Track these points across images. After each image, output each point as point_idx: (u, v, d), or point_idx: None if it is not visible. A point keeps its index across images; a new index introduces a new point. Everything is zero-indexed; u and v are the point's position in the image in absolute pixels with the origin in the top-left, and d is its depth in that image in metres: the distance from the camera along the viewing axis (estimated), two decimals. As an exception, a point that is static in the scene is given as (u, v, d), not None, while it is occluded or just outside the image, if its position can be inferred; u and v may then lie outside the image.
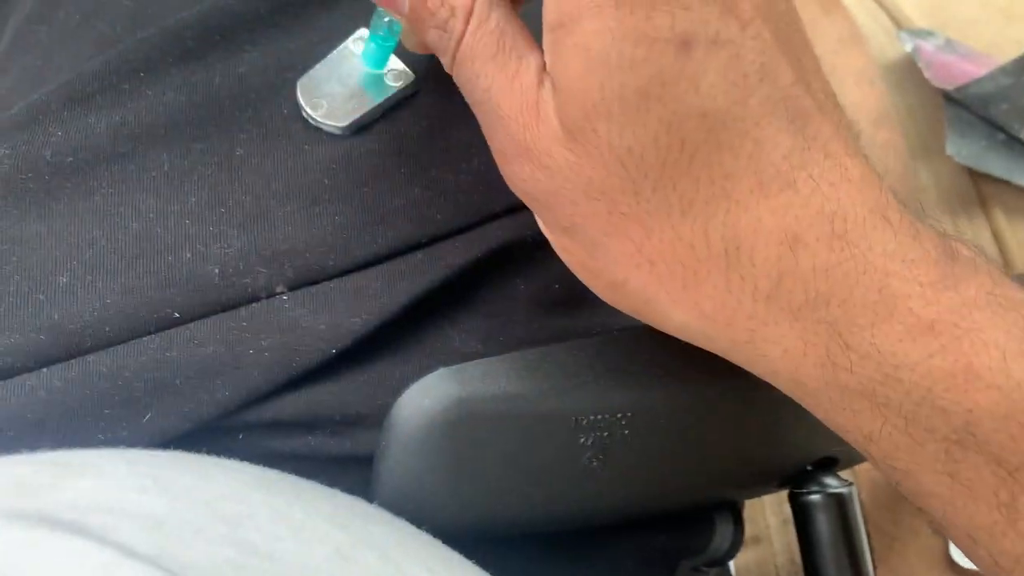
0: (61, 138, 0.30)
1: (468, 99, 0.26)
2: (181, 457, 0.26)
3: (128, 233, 0.29)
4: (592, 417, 0.27)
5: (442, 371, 0.26)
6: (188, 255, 0.29)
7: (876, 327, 0.22)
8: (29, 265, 0.28)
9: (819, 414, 0.25)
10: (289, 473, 0.30)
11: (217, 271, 0.29)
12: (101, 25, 0.34)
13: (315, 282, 0.30)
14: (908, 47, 0.57)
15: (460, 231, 0.32)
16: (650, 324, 0.26)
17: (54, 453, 0.25)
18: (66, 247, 0.28)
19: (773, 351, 0.23)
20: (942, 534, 0.61)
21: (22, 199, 0.29)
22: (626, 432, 0.27)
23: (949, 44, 0.56)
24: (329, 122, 0.31)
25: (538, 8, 0.24)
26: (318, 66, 0.32)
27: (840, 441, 0.34)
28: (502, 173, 0.26)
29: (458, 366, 0.26)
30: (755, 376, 0.30)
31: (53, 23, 0.35)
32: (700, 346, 0.25)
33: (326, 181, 0.31)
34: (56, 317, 0.27)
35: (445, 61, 0.26)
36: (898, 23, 0.59)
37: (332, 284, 0.30)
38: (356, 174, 0.31)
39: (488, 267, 0.33)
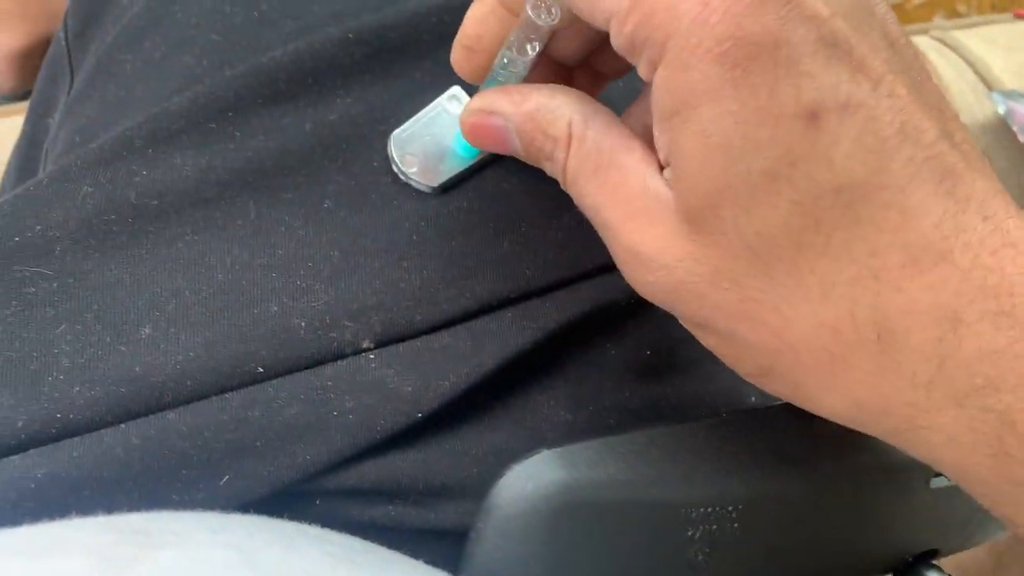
0: (146, 178, 0.29)
1: (589, 221, 0.25)
2: (265, 525, 0.25)
3: (213, 284, 0.28)
4: (702, 509, 0.25)
5: (546, 453, 0.24)
6: (275, 308, 0.28)
7: None
8: (111, 314, 0.27)
9: (986, 503, 0.22)
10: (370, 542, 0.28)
11: (303, 325, 0.28)
12: (188, 58, 0.33)
13: (402, 338, 0.29)
14: (1001, 109, 0.55)
15: (550, 288, 0.31)
16: (804, 408, 0.24)
17: (134, 518, 0.24)
18: (149, 296, 0.27)
19: (936, 439, 0.21)
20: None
21: (104, 242, 0.28)
22: (735, 525, 0.25)
23: (1041, 106, 0.54)
24: (421, 180, 0.30)
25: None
26: (411, 122, 0.31)
27: (944, 533, 0.32)
28: (629, 283, 0.25)
29: (563, 448, 0.25)
30: (864, 467, 0.28)
31: (138, 53, 0.35)
32: (859, 429, 0.23)
33: (414, 237, 0.30)
34: (138, 370, 0.26)
35: (562, 186, 0.25)
36: (987, 83, 0.57)
37: (420, 342, 0.29)
38: (445, 230, 0.30)
39: (578, 330, 0.31)
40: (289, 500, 0.27)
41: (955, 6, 1.47)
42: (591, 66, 0.29)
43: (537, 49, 0.25)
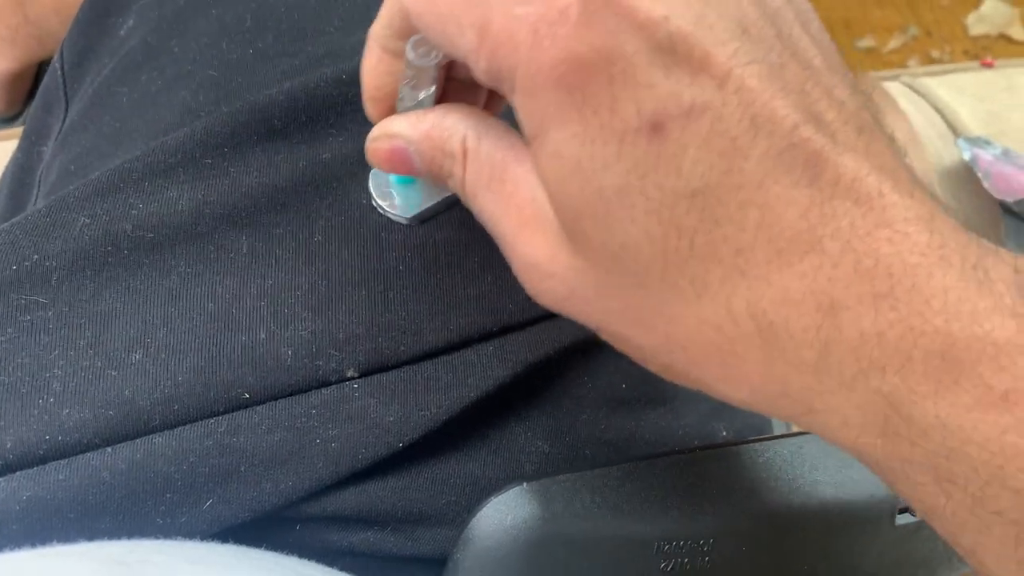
0: (142, 211, 0.29)
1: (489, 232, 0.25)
2: (244, 556, 0.26)
3: (203, 313, 0.28)
4: (674, 543, 0.25)
5: (524, 486, 0.25)
6: (262, 336, 0.28)
7: (940, 397, 0.19)
8: (103, 341, 0.28)
9: (885, 481, 0.22)
10: (347, 568, 0.29)
11: (290, 353, 0.28)
12: (184, 93, 0.34)
13: (386, 368, 0.29)
14: (966, 155, 0.56)
15: (530, 323, 0.32)
16: (718, 399, 0.24)
17: (114, 548, 0.24)
18: (141, 324, 0.28)
19: (832, 421, 0.21)
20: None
21: (100, 272, 0.28)
22: (707, 559, 0.26)
23: (1007, 154, 0.56)
24: (396, 213, 0.31)
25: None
26: None
27: (909, 569, 0.33)
28: (528, 293, 0.25)
29: (540, 481, 0.25)
30: (831, 504, 0.29)
31: (134, 86, 0.36)
32: (767, 415, 0.24)
33: (400, 268, 0.31)
34: (127, 393, 0.27)
35: (463, 203, 0.26)
36: (955, 130, 0.59)
37: (403, 372, 0.30)
38: (430, 262, 0.31)
39: (556, 363, 0.32)
40: (270, 525, 0.28)
41: (929, 51, 1.51)
42: None
43: (431, 86, 0.26)
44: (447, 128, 0.25)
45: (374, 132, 0.27)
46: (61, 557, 0.23)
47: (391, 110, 0.27)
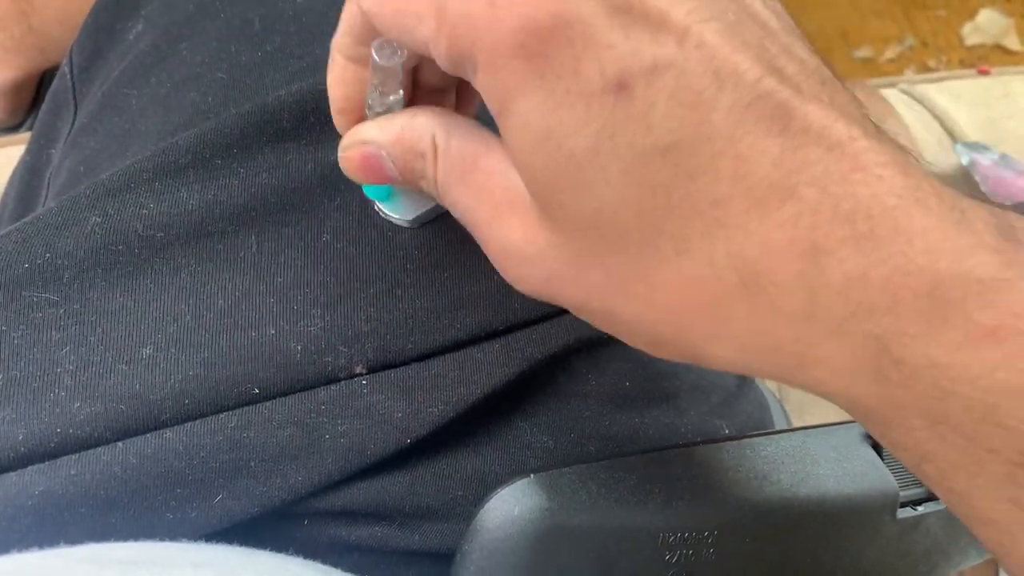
0: (153, 211, 0.30)
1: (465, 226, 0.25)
2: (248, 559, 0.26)
3: (213, 309, 0.29)
4: (679, 534, 0.26)
5: (532, 478, 0.25)
6: (272, 331, 0.29)
7: (930, 336, 0.19)
8: (114, 337, 0.28)
9: (875, 433, 0.22)
10: (355, 562, 0.29)
11: (300, 348, 0.29)
12: (194, 95, 0.34)
13: (394, 365, 0.30)
14: (964, 160, 0.57)
15: (536, 320, 0.32)
16: (706, 367, 0.24)
17: (119, 550, 0.25)
18: (151, 320, 0.28)
19: (824, 373, 0.20)
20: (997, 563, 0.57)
21: (110, 271, 0.29)
22: (711, 551, 0.26)
23: (1005, 159, 0.56)
24: (395, 215, 0.31)
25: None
26: None
27: (910, 562, 0.33)
28: (510, 284, 0.25)
29: (547, 473, 0.26)
30: (835, 494, 0.29)
31: (144, 89, 0.36)
32: (760, 378, 0.23)
33: (408, 266, 0.31)
34: (137, 387, 0.27)
35: (439, 202, 0.26)
36: (952, 135, 0.59)
37: (410, 369, 0.30)
38: (438, 260, 0.31)
39: (561, 360, 0.33)
40: (277, 520, 0.28)
41: (925, 61, 1.52)
42: (464, 86, 0.29)
43: (399, 89, 0.26)
44: (417, 128, 0.25)
45: (345, 141, 0.27)
46: (63, 560, 0.24)
47: (360, 121, 0.27)
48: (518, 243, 0.23)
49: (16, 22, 0.50)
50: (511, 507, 0.25)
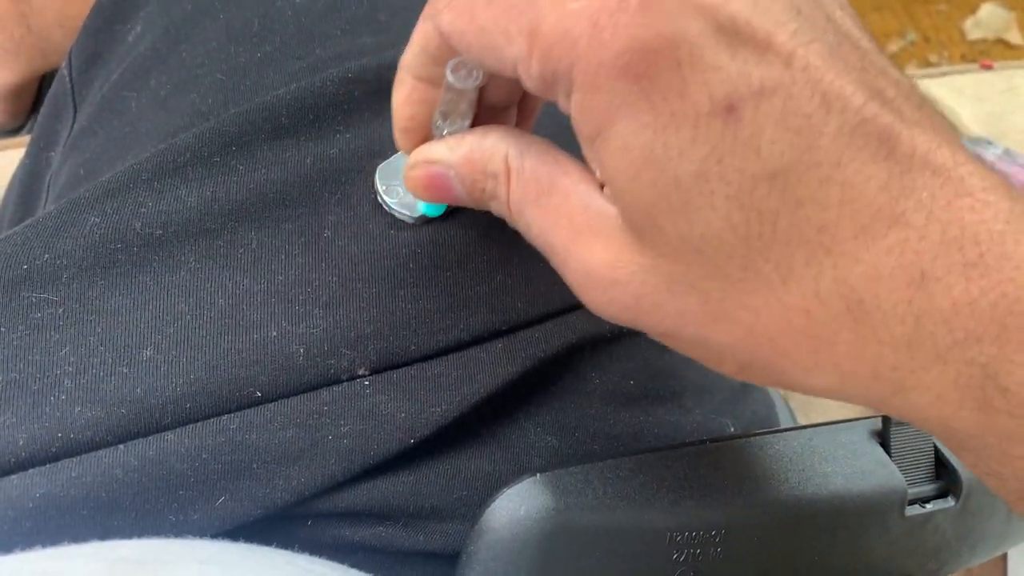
0: (152, 209, 0.30)
1: (539, 250, 0.25)
2: (253, 556, 0.26)
3: (214, 309, 0.29)
4: (686, 533, 0.26)
5: (537, 478, 0.25)
6: (274, 333, 0.29)
7: None
8: (114, 337, 0.28)
9: (969, 460, 0.22)
10: (359, 563, 0.29)
11: (302, 351, 0.28)
12: (193, 97, 0.34)
13: (397, 366, 0.30)
14: (969, 154, 0.56)
15: (539, 320, 0.32)
16: (792, 390, 0.23)
17: (124, 547, 0.24)
18: (151, 320, 0.28)
19: (924, 399, 0.20)
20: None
21: (110, 269, 0.29)
22: (719, 550, 0.26)
23: (1008, 154, 0.56)
24: (402, 211, 0.31)
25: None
26: (399, 155, 0.32)
27: (919, 560, 0.33)
28: (587, 306, 0.24)
29: (552, 473, 0.26)
30: (843, 492, 0.29)
31: (143, 91, 0.36)
32: (851, 403, 0.23)
33: (411, 265, 0.31)
34: (139, 391, 0.27)
35: (509, 223, 0.25)
36: (956, 130, 0.59)
37: (413, 370, 0.30)
38: (440, 259, 0.31)
39: (565, 360, 0.32)
40: (282, 522, 0.28)
41: (927, 56, 1.52)
42: (522, 103, 0.29)
43: (470, 110, 0.25)
44: (487, 149, 0.24)
45: (411, 159, 0.26)
46: (69, 558, 0.23)
47: (424, 141, 0.27)
48: (603, 267, 0.22)
49: (16, 24, 0.50)
50: (517, 507, 0.25)
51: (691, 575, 0.26)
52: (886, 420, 0.31)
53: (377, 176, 0.31)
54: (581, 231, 0.23)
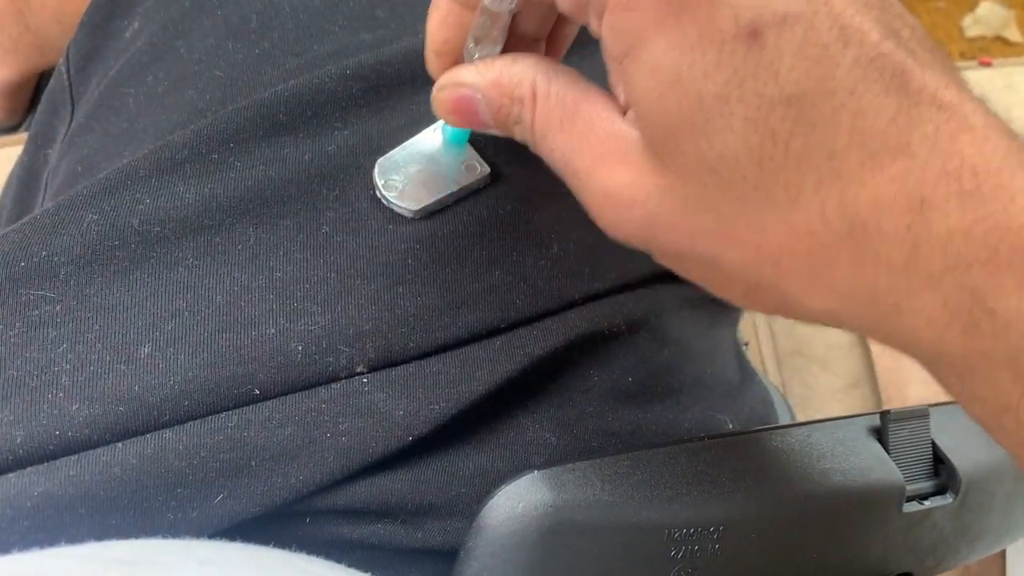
0: (149, 206, 0.30)
1: (558, 174, 0.26)
2: (251, 557, 0.26)
3: (212, 305, 0.29)
4: (684, 530, 0.26)
5: (535, 474, 0.25)
6: (272, 331, 0.28)
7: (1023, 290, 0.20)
8: (111, 334, 0.28)
9: (954, 385, 0.23)
10: (357, 560, 0.29)
11: (300, 349, 0.28)
12: (191, 93, 0.34)
13: (395, 363, 0.30)
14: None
15: (538, 317, 0.32)
16: (792, 318, 0.24)
17: (121, 548, 0.24)
18: (149, 317, 0.28)
19: (916, 322, 0.21)
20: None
21: (107, 267, 0.29)
22: (717, 547, 0.26)
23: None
24: (401, 204, 0.31)
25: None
26: (397, 150, 0.32)
27: (916, 556, 0.33)
28: (602, 228, 0.25)
29: (551, 470, 0.26)
30: (841, 489, 0.29)
31: (141, 87, 0.36)
32: (846, 330, 0.24)
33: (409, 261, 0.31)
34: (136, 389, 0.27)
35: (532, 148, 0.26)
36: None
37: (412, 367, 0.30)
38: (438, 256, 0.31)
39: (563, 357, 0.32)
40: (280, 519, 0.28)
41: (926, 55, 1.51)
42: (552, 37, 0.30)
43: (501, 35, 0.26)
44: (516, 74, 0.25)
45: (441, 81, 0.27)
46: (63, 557, 0.23)
47: (454, 64, 0.27)
48: (622, 188, 0.23)
49: (13, 21, 0.50)
50: (515, 503, 0.25)
51: (689, 571, 0.26)
52: (884, 417, 0.31)
53: (376, 170, 0.31)
54: (603, 155, 0.24)
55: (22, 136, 0.52)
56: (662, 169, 0.23)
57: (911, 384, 0.70)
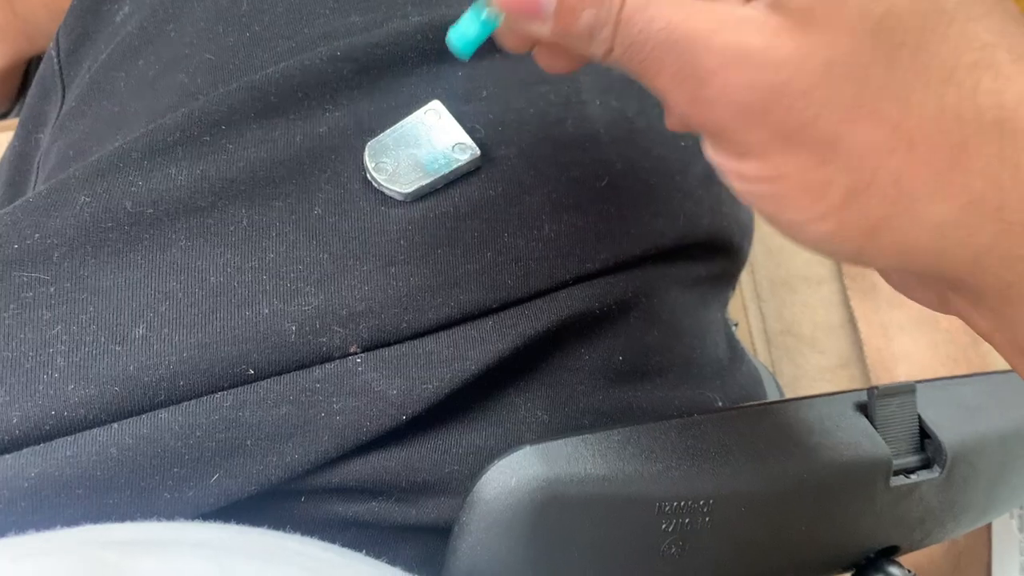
0: (142, 188, 0.30)
1: (639, 60, 0.23)
2: (246, 538, 0.26)
3: (205, 286, 0.29)
4: (675, 503, 0.26)
5: (528, 449, 0.25)
6: (266, 311, 0.29)
7: None
8: (106, 315, 0.28)
9: None
10: (352, 537, 0.29)
11: (294, 329, 0.29)
12: (182, 76, 0.34)
13: (388, 343, 0.30)
14: None
15: (530, 298, 0.32)
16: (873, 254, 0.22)
17: (117, 529, 0.25)
18: (143, 298, 0.28)
19: None
20: None
21: (101, 248, 0.29)
22: (707, 519, 0.27)
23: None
24: (391, 187, 0.31)
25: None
26: (388, 132, 0.32)
27: (903, 530, 0.33)
28: (707, 99, 0.22)
29: (544, 444, 0.26)
30: (828, 465, 0.30)
31: (132, 71, 0.36)
32: (944, 265, 0.22)
33: (402, 242, 0.31)
34: (132, 369, 0.27)
35: (604, 36, 0.23)
36: None
37: (404, 347, 0.30)
38: (431, 237, 0.31)
39: (555, 336, 0.33)
40: (275, 498, 0.28)
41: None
42: None
43: None
44: None
45: None
46: (60, 537, 0.24)
47: None
48: (754, 50, 0.21)
49: (0, 9, 0.50)
50: (508, 478, 0.25)
51: (680, 544, 0.27)
52: (871, 392, 0.31)
53: (366, 153, 0.32)
54: (728, 16, 0.22)
55: (13, 122, 0.52)
56: (806, 31, 0.21)
57: (899, 363, 0.70)
